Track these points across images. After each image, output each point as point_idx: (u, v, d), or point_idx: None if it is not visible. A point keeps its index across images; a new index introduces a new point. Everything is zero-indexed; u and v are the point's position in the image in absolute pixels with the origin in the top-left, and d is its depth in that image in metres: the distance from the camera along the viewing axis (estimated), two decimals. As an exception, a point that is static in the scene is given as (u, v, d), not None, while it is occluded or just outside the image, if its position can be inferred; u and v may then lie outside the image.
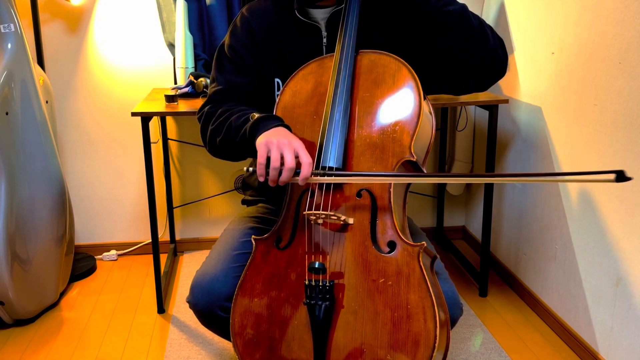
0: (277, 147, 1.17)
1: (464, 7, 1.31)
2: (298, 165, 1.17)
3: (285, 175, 1.16)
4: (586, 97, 1.80)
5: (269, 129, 1.23)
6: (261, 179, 1.18)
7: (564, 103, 1.91)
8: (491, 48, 1.31)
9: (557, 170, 1.98)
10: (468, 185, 2.77)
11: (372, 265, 1.17)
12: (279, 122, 1.26)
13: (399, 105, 1.23)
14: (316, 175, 1.20)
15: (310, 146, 1.27)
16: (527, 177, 1.06)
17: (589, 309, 1.83)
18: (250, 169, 1.22)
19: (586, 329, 1.85)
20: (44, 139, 2.10)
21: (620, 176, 0.93)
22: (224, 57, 1.48)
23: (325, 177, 1.20)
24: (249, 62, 1.45)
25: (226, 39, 1.49)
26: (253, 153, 1.24)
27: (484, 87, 1.40)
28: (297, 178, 1.17)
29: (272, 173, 1.17)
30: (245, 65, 1.45)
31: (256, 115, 1.27)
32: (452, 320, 1.28)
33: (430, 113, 1.29)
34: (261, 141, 1.19)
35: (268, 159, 1.17)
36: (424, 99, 1.25)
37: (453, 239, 2.84)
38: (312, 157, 1.25)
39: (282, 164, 1.17)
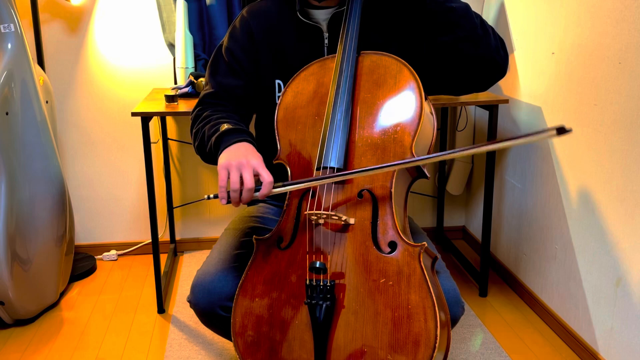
0: (237, 168, 1.19)
1: (467, 5, 1.32)
2: (259, 182, 1.19)
3: (245, 196, 1.18)
4: (586, 97, 1.80)
5: (231, 144, 1.25)
6: (223, 202, 1.19)
7: (564, 103, 1.92)
8: (492, 47, 1.32)
9: (557, 170, 1.99)
10: (468, 185, 2.77)
11: (373, 266, 1.17)
12: (243, 137, 1.27)
13: (400, 106, 1.24)
14: (277, 187, 1.20)
15: (311, 146, 1.27)
16: (474, 148, 1.14)
17: (589, 309, 1.83)
18: (212, 195, 1.22)
19: (586, 329, 1.85)
20: (44, 139, 2.10)
21: (561, 130, 0.98)
22: (220, 59, 1.48)
23: (285, 188, 1.20)
24: (245, 65, 1.45)
25: (224, 41, 1.49)
26: None
27: (483, 87, 1.40)
28: (257, 194, 1.19)
29: (233, 195, 1.18)
30: (241, 68, 1.45)
31: (225, 126, 1.29)
32: (454, 319, 1.28)
33: (432, 114, 1.29)
34: (221, 163, 1.21)
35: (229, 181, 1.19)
36: (425, 99, 1.25)
37: (453, 239, 2.84)
38: (314, 157, 1.25)
39: (242, 184, 1.18)
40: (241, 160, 1.20)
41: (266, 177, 1.18)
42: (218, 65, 1.47)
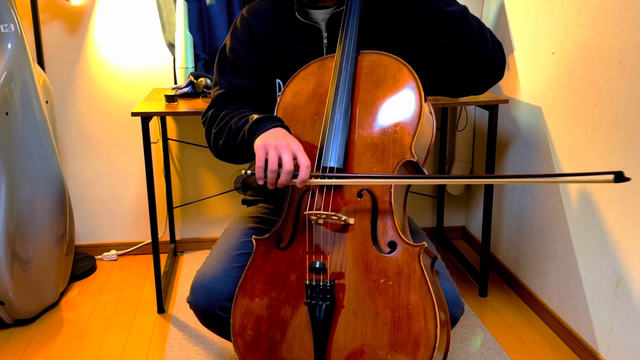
0: (275, 149, 1.17)
1: (464, 8, 1.31)
2: (296, 167, 1.17)
3: (283, 178, 1.16)
4: (586, 97, 1.80)
5: (267, 130, 1.23)
6: (260, 182, 1.18)
7: (564, 103, 1.92)
8: (490, 50, 1.32)
9: (557, 170, 1.98)
10: (468, 185, 2.77)
11: (373, 266, 1.17)
12: (278, 122, 1.26)
13: (400, 105, 1.24)
14: (315, 177, 1.20)
15: (311, 146, 1.27)
16: (525, 178, 1.06)
17: (589, 309, 1.83)
18: (249, 171, 1.22)
19: (586, 329, 1.85)
20: (44, 139, 2.10)
21: (619, 177, 0.92)
22: (225, 60, 1.47)
23: (324, 180, 1.20)
24: (250, 64, 1.45)
25: (227, 41, 1.49)
26: (253, 155, 1.24)
27: (481, 90, 1.40)
28: (295, 180, 1.17)
29: (270, 176, 1.17)
30: (247, 67, 1.45)
31: (255, 116, 1.27)
32: (453, 320, 1.28)
33: (431, 113, 1.29)
34: (259, 143, 1.19)
35: (266, 161, 1.17)
36: (425, 99, 1.25)
37: (453, 239, 2.84)
38: (313, 157, 1.25)
39: (280, 166, 1.17)
40: (280, 142, 1.18)
41: (304, 161, 1.16)
42: (224, 66, 1.47)
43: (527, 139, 2.18)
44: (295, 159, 1.17)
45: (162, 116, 2.45)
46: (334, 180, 1.20)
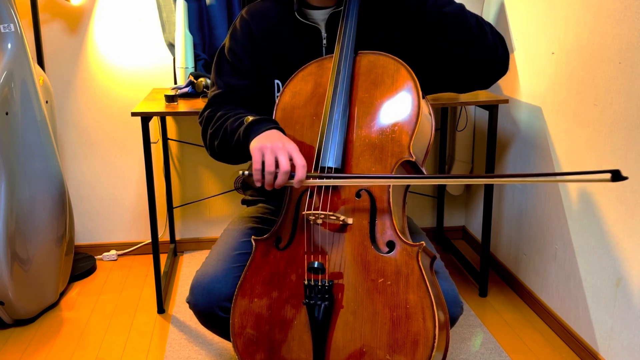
0: (271, 151, 1.18)
1: (461, 7, 1.31)
2: (293, 168, 1.18)
3: (280, 179, 1.18)
4: (586, 97, 1.80)
5: (262, 132, 1.25)
6: (258, 184, 1.20)
7: (564, 103, 1.91)
8: (490, 47, 1.31)
9: (557, 170, 1.98)
10: (468, 185, 2.77)
11: (371, 265, 1.17)
12: (273, 124, 1.27)
13: (398, 105, 1.24)
14: (312, 177, 1.20)
15: (309, 147, 1.27)
16: (524, 177, 1.06)
17: (589, 309, 1.83)
18: (247, 172, 1.23)
19: (586, 329, 1.85)
20: (44, 139, 2.10)
21: (616, 176, 0.92)
22: (223, 60, 1.48)
23: (321, 180, 1.20)
24: (248, 65, 1.45)
25: (226, 42, 1.49)
26: (249, 156, 1.25)
27: (486, 85, 1.40)
28: (292, 181, 1.18)
29: (268, 177, 1.18)
30: (245, 68, 1.45)
31: (250, 118, 1.28)
32: (452, 319, 1.28)
33: (430, 114, 1.29)
34: (255, 146, 1.21)
35: (263, 163, 1.18)
36: (423, 99, 1.25)
37: (453, 239, 2.83)
38: (311, 157, 1.25)
39: (277, 167, 1.17)
40: (277, 144, 1.19)
41: (300, 161, 1.18)
42: (222, 67, 1.48)
43: (527, 139, 2.18)
44: (291, 159, 1.18)
45: (162, 116, 2.45)
46: (331, 180, 1.20)
